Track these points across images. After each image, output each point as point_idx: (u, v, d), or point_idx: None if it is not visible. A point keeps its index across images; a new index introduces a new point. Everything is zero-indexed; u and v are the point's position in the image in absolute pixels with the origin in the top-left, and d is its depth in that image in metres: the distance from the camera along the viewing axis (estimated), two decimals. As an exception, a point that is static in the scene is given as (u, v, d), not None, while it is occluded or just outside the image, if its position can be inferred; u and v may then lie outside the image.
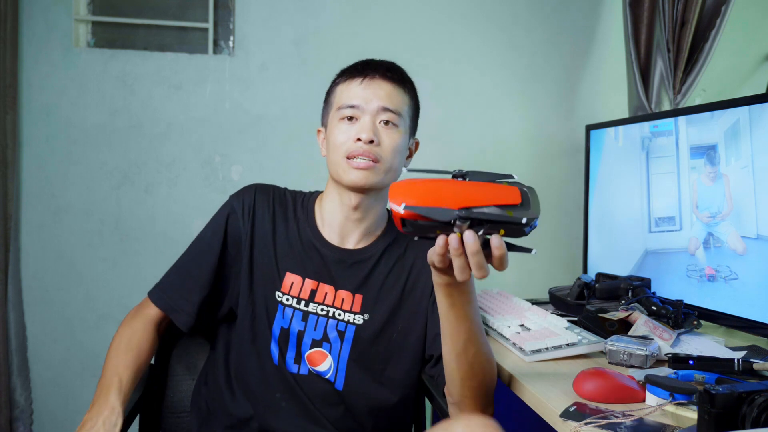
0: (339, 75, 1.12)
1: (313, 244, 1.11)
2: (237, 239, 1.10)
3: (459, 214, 0.73)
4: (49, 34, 1.86)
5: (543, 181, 2.10)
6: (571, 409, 0.93)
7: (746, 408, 0.76)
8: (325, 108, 1.13)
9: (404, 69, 1.14)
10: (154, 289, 1.13)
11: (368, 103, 1.05)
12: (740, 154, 1.31)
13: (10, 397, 1.84)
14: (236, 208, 1.12)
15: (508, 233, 0.76)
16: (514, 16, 2.05)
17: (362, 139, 1.03)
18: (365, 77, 1.07)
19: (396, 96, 1.08)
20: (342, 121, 1.06)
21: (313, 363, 1.07)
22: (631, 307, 1.35)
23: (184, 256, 1.14)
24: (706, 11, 1.85)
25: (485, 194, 0.75)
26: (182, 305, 1.10)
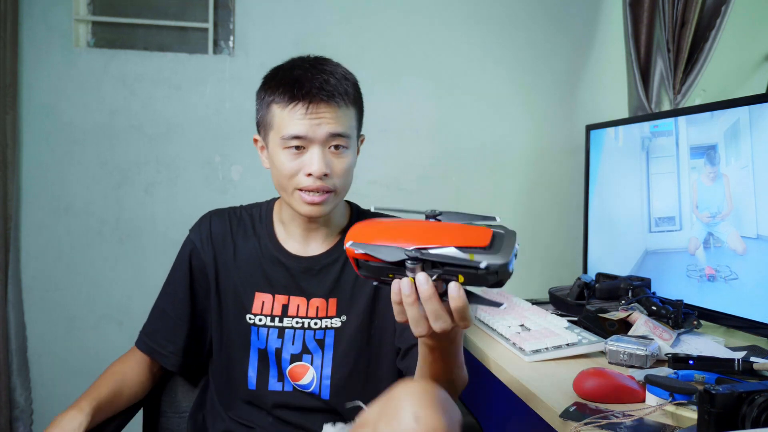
0: (272, 90, 1.00)
1: (277, 258, 1.07)
2: (203, 272, 1.09)
3: (408, 254, 0.64)
4: (49, 34, 1.86)
5: (543, 181, 2.10)
6: (571, 409, 0.93)
7: (746, 408, 0.76)
8: (263, 124, 1.04)
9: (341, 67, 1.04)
10: (139, 336, 1.14)
11: (315, 133, 0.97)
12: (740, 154, 1.31)
13: (10, 397, 1.84)
14: (195, 242, 1.10)
15: (468, 280, 0.65)
16: (514, 16, 2.05)
17: (314, 174, 0.97)
18: (308, 104, 0.97)
19: (343, 116, 1.00)
20: (287, 149, 0.98)
21: (295, 378, 1.06)
22: (631, 307, 1.35)
23: (159, 299, 1.13)
24: (706, 11, 1.86)
25: (448, 235, 0.66)
26: (166, 346, 1.10)
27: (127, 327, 1.93)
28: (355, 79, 1.05)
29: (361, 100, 1.06)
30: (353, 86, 1.03)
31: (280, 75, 1.02)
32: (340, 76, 1.01)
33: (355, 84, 1.04)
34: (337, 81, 1.00)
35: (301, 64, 1.02)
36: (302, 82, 0.98)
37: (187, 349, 1.10)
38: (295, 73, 0.99)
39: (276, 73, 1.03)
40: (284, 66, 1.04)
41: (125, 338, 1.92)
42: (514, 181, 2.09)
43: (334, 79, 1.00)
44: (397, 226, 0.69)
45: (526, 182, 2.09)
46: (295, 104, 0.97)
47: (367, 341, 1.07)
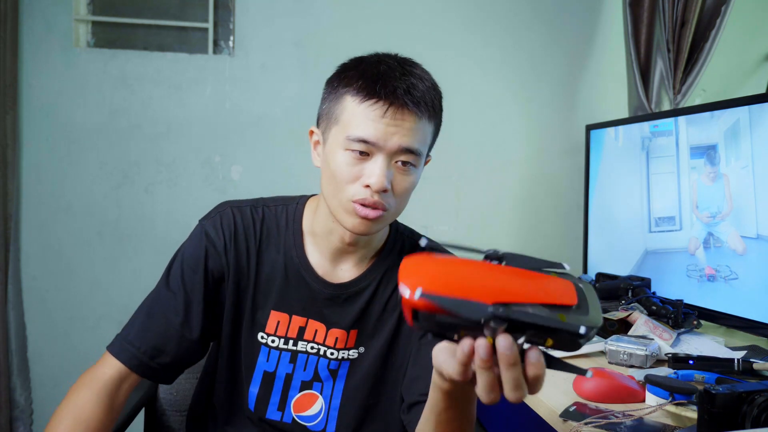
0: (350, 80, 0.87)
1: (303, 277, 0.95)
2: (221, 276, 0.94)
3: (495, 312, 0.52)
4: (49, 34, 1.86)
5: (543, 181, 2.10)
6: (571, 409, 0.93)
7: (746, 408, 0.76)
8: (327, 116, 0.91)
9: (430, 75, 0.92)
10: (121, 347, 0.93)
11: (387, 142, 0.84)
12: (740, 154, 1.31)
13: (10, 397, 1.84)
14: (215, 240, 0.94)
15: (558, 344, 0.55)
16: (514, 16, 2.05)
17: (372, 187, 0.84)
18: (389, 106, 0.84)
19: (421, 131, 0.87)
20: (349, 152, 0.85)
21: (301, 408, 0.96)
22: (631, 307, 1.35)
23: (153, 302, 0.96)
24: (706, 11, 1.86)
25: (530, 288, 0.55)
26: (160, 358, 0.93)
27: (127, 327, 1.93)
28: (440, 92, 0.93)
29: (441, 116, 0.94)
30: (439, 99, 0.92)
31: (363, 66, 0.88)
32: (430, 84, 0.89)
33: (441, 97, 0.93)
34: (426, 88, 0.88)
35: (389, 60, 0.89)
36: (388, 80, 0.85)
37: (181, 362, 0.94)
38: (382, 68, 0.86)
39: (358, 63, 0.90)
40: (368, 58, 0.90)
41: (125, 338, 1.93)
42: (514, 181, 2.09)
43: (423, 85, 0.88)
44: (467, 273, 0.56)
45: (526, 182, 2.09)
46: (375, 102, 0.84)
47: (382, 376, 0.97)
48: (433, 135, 0.92)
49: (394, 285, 0.96)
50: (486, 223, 2.07)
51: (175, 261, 0.96)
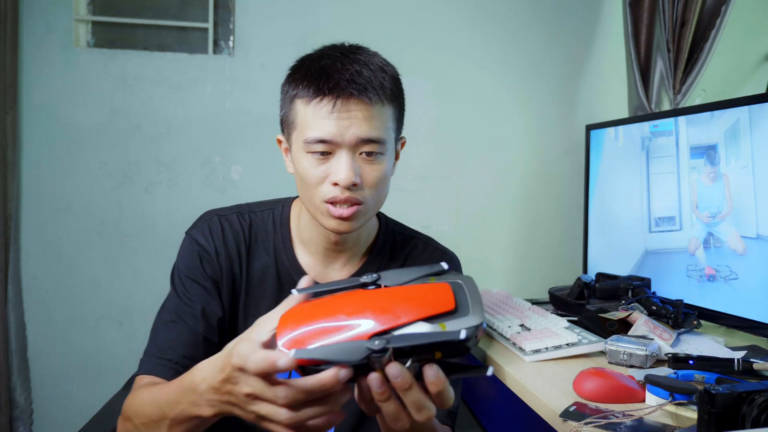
0: (297, 83, 0.86)
1: (293, 279, 0.93)
2: (218, 281, 0.92)
3: (372, 348, 0.51)
4: (49, 34, 1.86)
5: (543, 181, 2.10)
6: (571, 409, 0.93)
7: (746, 408, 0.76)
8: (286, 122, 0.90)
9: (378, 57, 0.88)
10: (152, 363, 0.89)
11: (344, 137, 0.82)
12: (740, 154, 1.31)
13: (10, 397, 1.84)
14: (207, 248, 0.92)
15: (447, 354, 0.54)
16: (514, 16, 2.05)
17: (340, 183, 0.83)
18: (335, 99, 0.82)
19: (377, 117, 0.84)
20: (311, 154, 0.84)
21: None
22: (631, 307, 1.35)
23: (166, 314, 0.91)
24: (706, 11, 1.86)
25: (406, 307, 0.54)
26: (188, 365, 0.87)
27: (127, 327, 1.93)
28: (394, 72, 0.89)
29: (402, 96, 0.92)
30: (392, 79, 0.87)
31: (306, 65, 0.86)
32: (376, 67, 0.85)
33: (395, 77, 0.89)
34: (371, 73, 0.84)
35: (331, 53, 0.86)
36: (330, 73, 0.82)
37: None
38: (323, 63, 0.84)
39: (302, 63, 0.88)
40: (312, 55, 0.88)
41: (125, 338, 1.93)
42: (514, 181, 2.09)
43: (368, 70, 0.84)
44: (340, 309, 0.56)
45: (526, 182, 2.09)
46: (320, 99, 0.82)
47: None
48: (396, 117, 0.90)
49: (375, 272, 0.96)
50: (486, 223, 2.07)
51: (175, 275, 0.94)
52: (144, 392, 0.79)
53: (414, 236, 1.04)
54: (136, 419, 0.77)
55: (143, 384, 0.83)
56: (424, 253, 1.02)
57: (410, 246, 1.02)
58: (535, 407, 1.01)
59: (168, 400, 0.71)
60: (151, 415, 0.73)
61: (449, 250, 1.06)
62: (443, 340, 0.52)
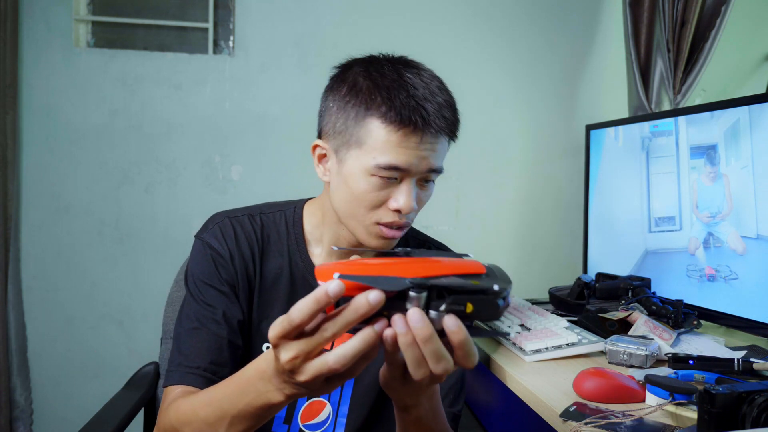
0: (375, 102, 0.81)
1: (308, 280, 0.93)
2: (233, 285, 0.91)
3: (413, 281, 0.56)
4: (49, 34, 1.86)
5: (543, 181, 2.10)
6: (571, 409, 0.93)
7: (746, 408, 0.76)
8: (342, 135, 0.85)
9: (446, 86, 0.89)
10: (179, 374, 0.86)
11: (418, 167, 0.82)
12: (740, 154, 1.31)
13: (10, 397, 1.84)
14: (221, 251, 0.91)
15: (478, 307, 0.58)
16: (514, 17, 2.05)
17: (402, 211, 0.83)
18: (423, 135, 0.81)
19: (443, 149, 0.86)
20: (376, 177, 0.82)
21: (309, 417, 0.93)
22: (631, 307, 1.35)
23: (186, 321, 0.89)
24: (706, 11, 1.86)
25: (441, 265, 0.59)
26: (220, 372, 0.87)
27: (127, 327, 1.93)
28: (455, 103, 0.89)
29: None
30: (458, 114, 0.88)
31: (387, 84, 0.82)
32: (452, 101, 0.86)
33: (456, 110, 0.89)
34: (452, 110, 0.85)
35: (409, 76, 0.83)
36: (419, 104, 0.80)
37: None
38: (409, 90, 0.81)
39: (378, 81, 0.83)
40: (385, 70, 0.84)
41: (125, 338, 1.93)
42: (514, 181, 2.09)
43: (450, 107, 0.85)
44: (378, 261, 0.60)
45: (526, 182, 2.09)
46: (411, 131, 0.80)
47: None
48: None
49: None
50: (486, 223, 2.07)
51: (190, 281, 0.92)
52: (191, 399, 0.76)
53: (426, 241, 1.05)
54: (186, 428, 0.74)
55: (178, 393, 0.81)
56: None
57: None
58: (535, 407, 1.01)
59: (228, 397, 0.69)
60: (207, 418, 0.70)
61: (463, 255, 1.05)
62: (478, 288, 0.57)
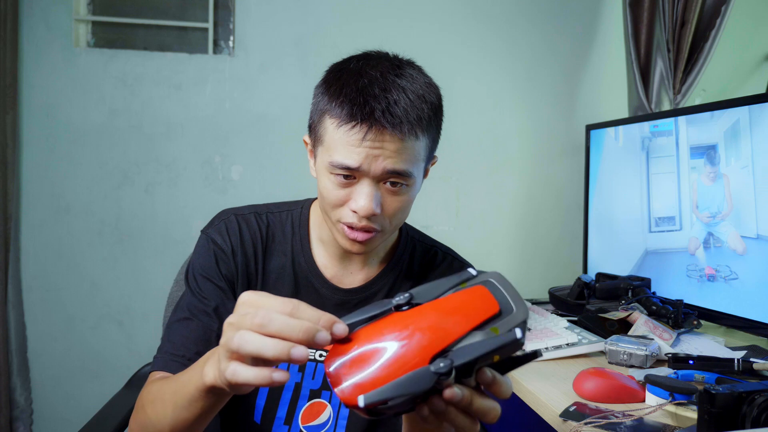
0: (330, 97, 0.81)
1: (312, 283, 0.93)
2: (233, 282, 0.91)
3: (438, 371, 0.51)
4: (49, 34, 1.86)
5: (543, 181, 2.10)
6: (571, 409, 0.93)
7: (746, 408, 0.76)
8: (314, 132, 0.85)
9: (420, 80, 0.84)
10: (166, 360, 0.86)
11: (370, 167, 0.79)
12: (740, 154, 1.31)
13: (10, 397, 1.84)
14: (223, 246, 0.91)
15: (504, 356, 0.55)
16: (514, 17, 2.05)
17: (359, 213, 0.81)
18: (369, 130, 0.77)
19: (409, 150, 0.80)
20: (334, 176, 0.81)
21: (310, 418, 0.92)
22: (631, 307, 1.35)
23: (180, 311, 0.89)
24: (706, 11, 1.86)
25: (451, 318, 0.54)
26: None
27: (127, 327, 1.93)
28: (435, 97, 0.85)
29: (440, 120, 0.88)
30: (431, 107, 0.83)
31: (344, 78, 0.81)
32: (416, 95, 0.80)
33: (434, 103, 0.85)
34: (409, 103, 0.79)
35: (372, 71, 0.80)
36: (367, 98, 0.77)
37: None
38: (362, 83, 0.79)
39: (340, 73, 0.83)
40: (352, 66, 0.83)
41: (125, 338, 1.93)
42: (514, 181, 2.09)
43: (407, 99, 0.79)
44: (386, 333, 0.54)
45: (525, 182, 2.09)
46: (353, 126, 0.77)
47: None
48: (429, 146, 0.86)
49: (406, 291, 0.94)
50: (486, 223, 2.07)
51: (190, 274, 0.92)
52: (161, 380, 0.78)
53: (434, 246, 1.03)
54: (149, 406, 0.75)
55: (156, 378, 0.82)
56: (443, 263, 1.01)
57: (429, 255, 1.01)
58: (535, 407, 1.01)
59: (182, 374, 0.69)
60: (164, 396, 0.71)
61: (468, 262, 1.05)
62: (501, 344, 0.52)
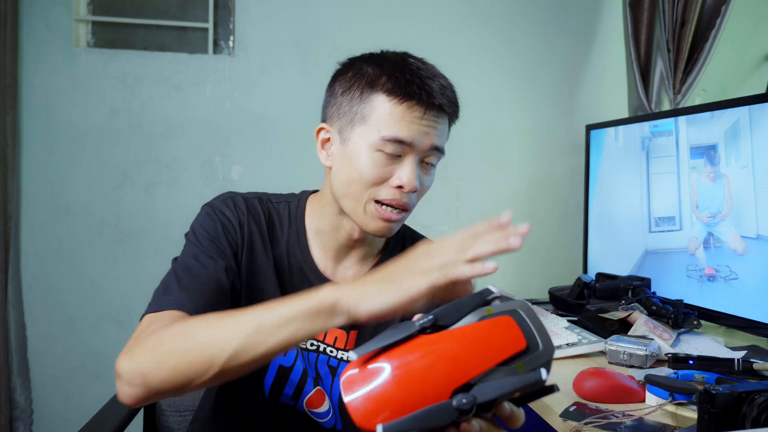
0: (380, 79, 0.84)
1: (304, 272, 0.93)
2: (236, 252, 0.90)
3: (460, 407, 0.50)
4: (49, 34, 1.86)
5: (543, 181, 2.10)
6: (571, 409, 0.93)
7: (746, 408, 0.76)
8: (347, 115, 0.86)
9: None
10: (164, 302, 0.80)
11: (422, 143, 0.84)
12: (740, 154, 1.31)
13: (10, 397, 1.84)
14: (228, 215, 0.91)
15: (525, 391, 0.53)
16: (514, 17, 2.05)
17: (405, 187, 0.84)
18: (426, 108, 0.83)
19: (446, 130, 0.90)
20: (380, 152, 0.83)
21: (312, 405, 0.93)
22: (631, 307, 1.35)
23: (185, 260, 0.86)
24: (706, 11, 1.86)
25: (477, 351, 0.53)
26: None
27: (127, 327, 1.93)
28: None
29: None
30: (458, 101, 0.92)
31: (388, 65, 0.85)
32: (451, 83, 0.89)
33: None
34: (452, 90, 0.88)
35: (413, 60, 0.87)
36: (423, 80, 0.84)
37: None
38: (412, 67, 0.85)
39: (381, 61, 0.86)
40: (389, 56, 0.88)
41: (125, 338, 1.92)
42: (514, 181, 2.09)
43: (450, 85, 0.88)
44: (411, 371, 0.52)
45: (526, 182, 2.09)
46: (414, 103, 0.83)
47: None
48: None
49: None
50: (486, 223, 2.07)
51: (191, 235, 0.89)
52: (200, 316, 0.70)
53: (423, 239, 1.04)
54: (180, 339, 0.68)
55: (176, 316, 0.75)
56: None
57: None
58: (535, 407, 1.01)
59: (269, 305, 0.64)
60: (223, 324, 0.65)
61: None
62: (526, 383, 0.52)
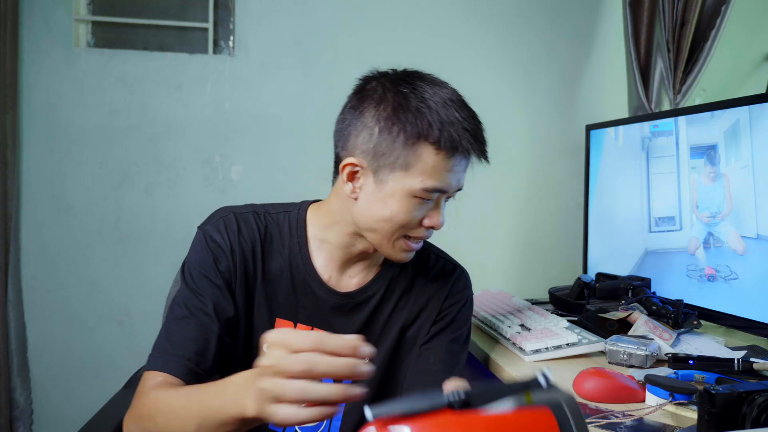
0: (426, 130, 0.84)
1: (308, 284, 0.94)
2: (230, 280, 0.90)
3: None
4: (49, 34, 1.86)
5: (543, 181, 2.10)
6: (571, 409, 0.93)
7: (746, 408, 0.76)
8: (384, 154, 0.86)
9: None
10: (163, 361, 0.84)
11: (454, 187, 0.92)
12: (740, 154, 1.31)
13: (10, 397, 1.84)
14: (220, 243, 0.90)
15: None
16: (514, 17, 2.05)
17: (435, 228, 0.91)
18: (468, 158, 0.91)
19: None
20: (416, 198, 0.87)
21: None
22: (631, 307, 1.35)
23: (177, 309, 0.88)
24: (706, 11, 1.86)
25: None
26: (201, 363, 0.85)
27: (127, 327, 1.93)
28: None
29: None
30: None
31: (436, 112, 0.86)
32: (480, 122, 0.94)
33: None
34: (484, 130, 0.94)
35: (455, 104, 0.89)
36: (472, 134, 0.89)
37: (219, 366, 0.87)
38: (457, 116, 0.88)
39: (423, 101, 0.86)
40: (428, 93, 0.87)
41: (125, 338, 1.93)
42: (514, 181, 2.09)
43: (483, 128, 0.94)
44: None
45: (525, 182, 2.09)
46: (460, 159, 0.89)
47: (385, 385, 0.97)
48: None
49: (399, 293, 0.99)
50: (486, 223, 2.07)
51: (186, 270, 0.91)
52: (171, 391, 0.76)
53: (426, 248, 1.05)
54: (159, 417, 0.72)
55: (159, 381, 0.79)
56: (436, 266, 1.03)
57: (422, 258, 1.02)
58: (535, 407, 1.01)
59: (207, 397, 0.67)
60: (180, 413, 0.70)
61: (460, 265, 1.06)
62: None
